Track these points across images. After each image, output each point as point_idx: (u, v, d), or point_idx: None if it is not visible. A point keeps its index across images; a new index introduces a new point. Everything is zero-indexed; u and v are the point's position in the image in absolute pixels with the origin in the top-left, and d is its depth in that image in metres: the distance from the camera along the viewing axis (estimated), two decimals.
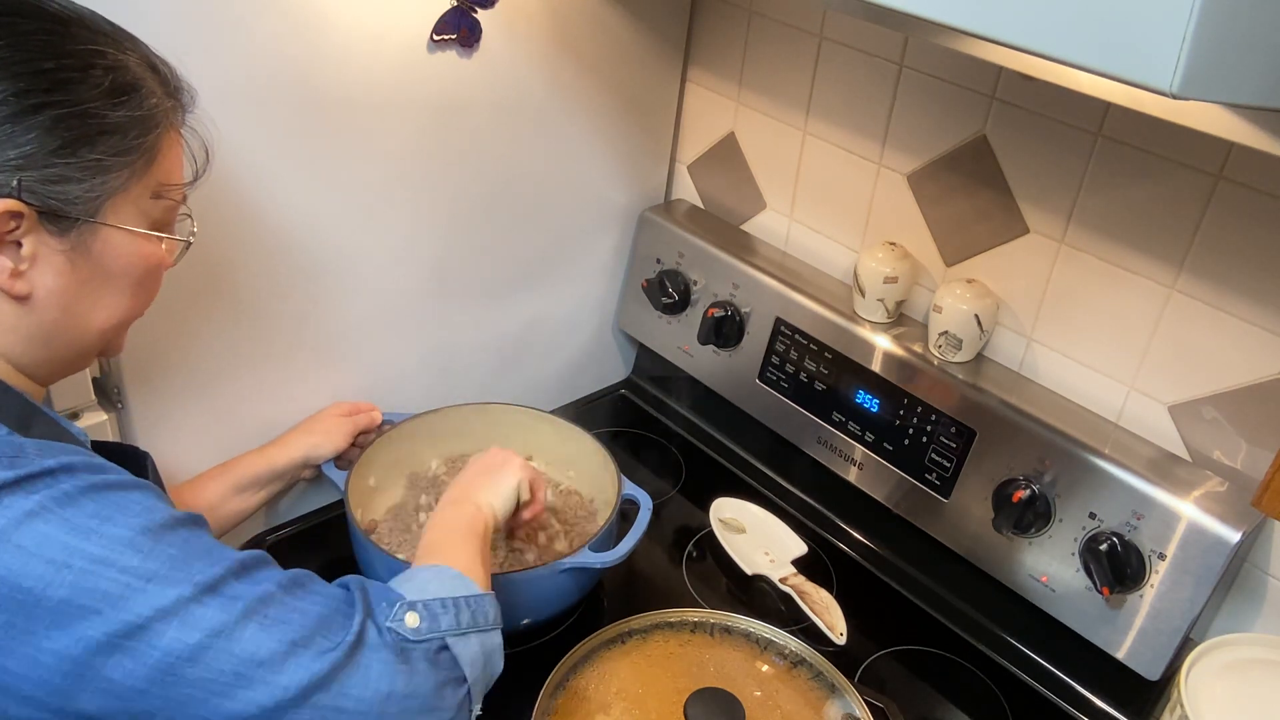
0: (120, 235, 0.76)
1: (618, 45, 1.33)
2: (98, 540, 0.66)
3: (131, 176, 0.75)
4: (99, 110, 0.72)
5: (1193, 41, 0.54)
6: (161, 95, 0.77)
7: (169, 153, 0.79)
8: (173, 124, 0.79)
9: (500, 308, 1.40)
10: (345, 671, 0.72)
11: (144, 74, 0.76)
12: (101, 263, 0.75)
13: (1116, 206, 1.07)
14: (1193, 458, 1.09)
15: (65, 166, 0.70)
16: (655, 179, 1.51)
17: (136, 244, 0.77)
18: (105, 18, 0.77)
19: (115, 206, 0.75)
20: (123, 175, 0.74)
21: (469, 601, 0.83)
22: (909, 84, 1.20)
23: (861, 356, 1.25)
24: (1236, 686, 0.95)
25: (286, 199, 1.11)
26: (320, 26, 1.04)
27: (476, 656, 0.82)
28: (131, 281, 0.79)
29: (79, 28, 0.73)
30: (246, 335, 1.15)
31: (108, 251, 0.75)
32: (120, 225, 0.75)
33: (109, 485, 0.69)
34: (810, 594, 1.21)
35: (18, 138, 0.69)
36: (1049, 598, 1.12)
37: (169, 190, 0.79)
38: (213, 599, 0.69)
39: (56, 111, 0.70)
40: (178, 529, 0.70)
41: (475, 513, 0.98)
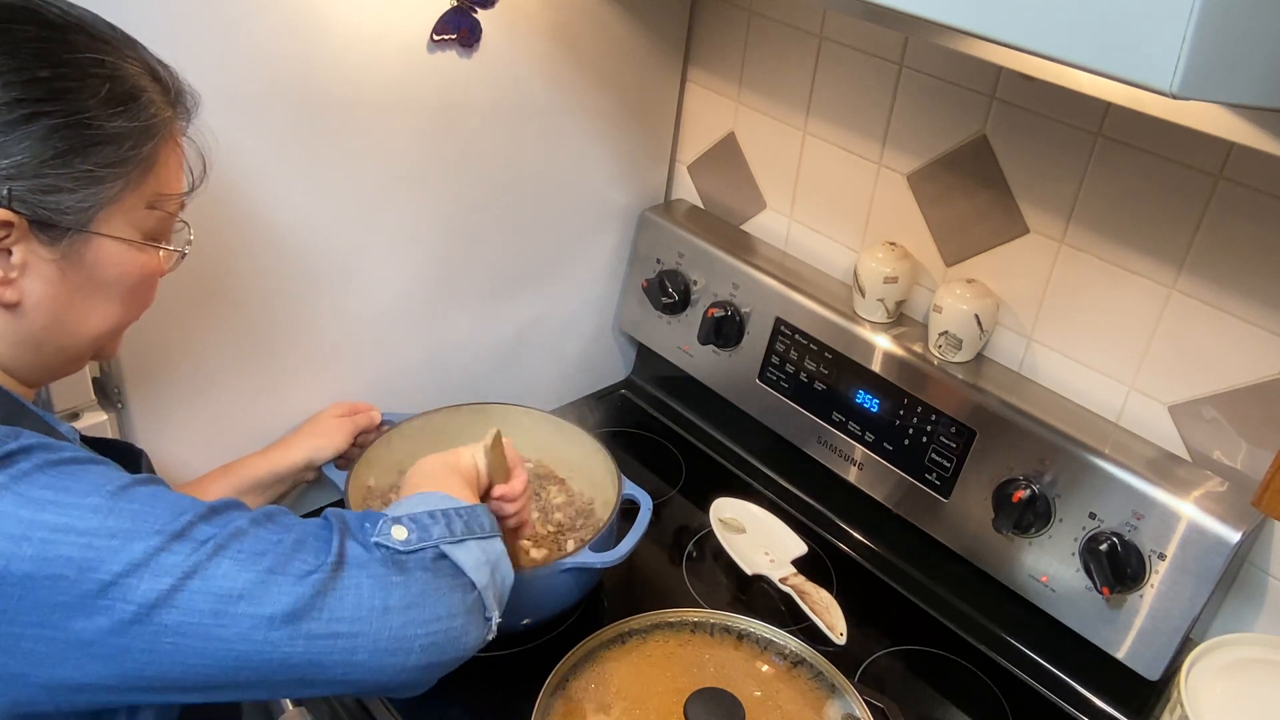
0: (113, 245, 0.75)
1: (618, 45, 1.33)
2: (54, 509, 0.65)
3: (126, 187, 0.74)
4: (95, 120, 0.70)
5: (1193, 41, 0.54)
6: (161, 104, 0.76)
7: (167, 163, 0.77)
8: (172, 133, 0.78)
9: (500, 308, 1.40)
10: (333, 593, 0.70)
11: (144, 82, 0.75)
12: (93, 272, 0.75)
13: (1116, 206, 1.07)
14: (1193, 458, 1.09)
15: (57, 176, 0.70)
16: (655, 179, 1.51)
17: (130, 254, 0.76)
18: (107, 22, 0.76)
19: (109, 216, 0.74)
20: (116, 186, 0.73)
21: (460, 512, 0.80)
22: (909, 84, 1.20)
23: (861, 356, 1.25)
24: (1236, 686, 0.95)
25: (286, 199, 1.11)
26: (320, 27, 1.04)
27: (480, 562, 0.78)
28: (124, 290, 0.78)
29: (77, 34, 0.72)
30: (247, 335, 1.15)
31: (100, 261, 0.75)
32: (113, 235, 0.74)
33: (65, 460, 0.68)
34: (810, 594, 1.21)
35: (10, 147, 0.68)
36: (1049, 598, 1.12)
37: (165, 201, 0.78)
38: (181, 544, 0.67)
39: (51, 121, 0.69)
40: (137, 488, 0.69)
41: (454, 458, 0.94)
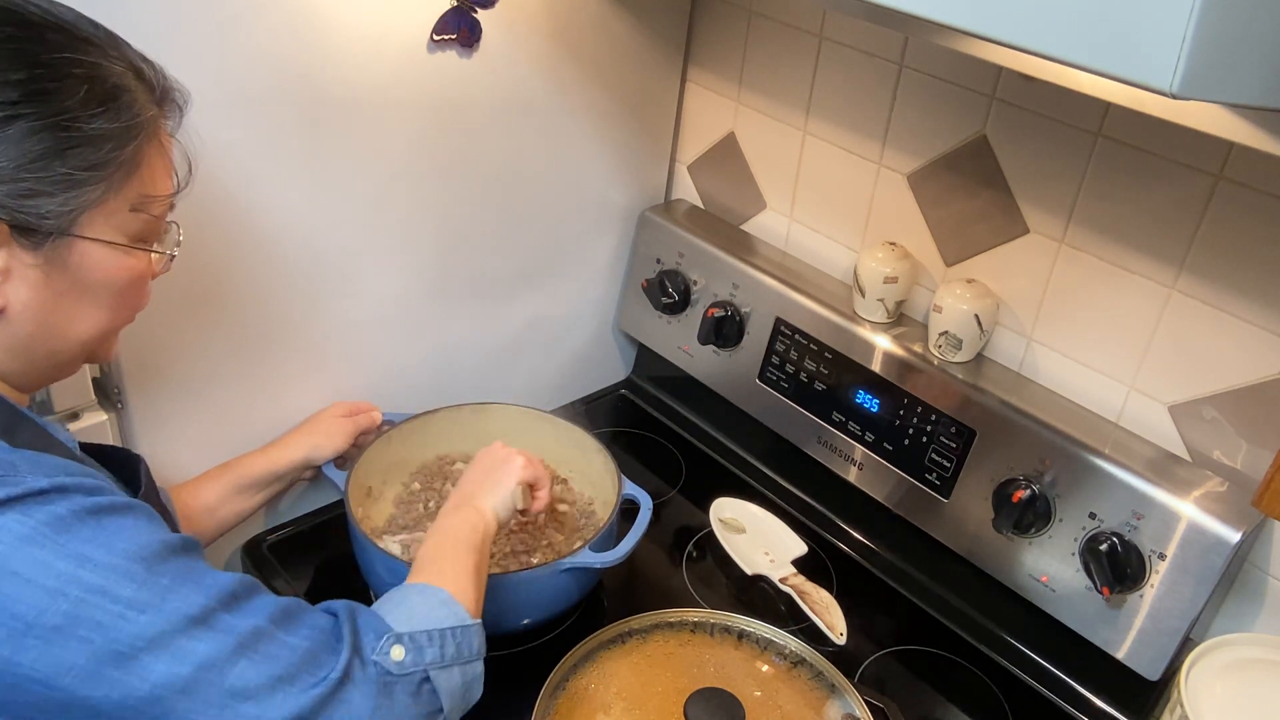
0: (98, 248, 0.73)
1: (618, 45, 1.33)
2: (93, 570, 0.66)
3: (108, 190, 0.72)
4: (73, 122, 0.68)
5: (1193, 41, 0.54)
6: (145, 103, 0.74)
7: (152, 164, 0.75)
8: (157, 134, 0.76)
9: (500, 308, 1.40)
10: (329, 706, 0.73)
11: (127, 81, 0.73)
12: (79, 276, 0.73)
13: (1116, 206, 1.07)
14: (1193, 458, 1.09)
15: (37, 180, 0.68)
16: (655, 179, 1.51)
17: (116, 257, 0.75)
18: (90, 21, 0.74)
19: (92, 220, 0.72)
20: (98, 189, 0.71)
21: (455, 634, 0.83)
22: (909, 84, 1.20)
23: (861, 356, 1.25)
24: (1236, 686, 0.95)
25: (287, 199, 1.11)
26: (320, 27, 1.04)
27: (456, 688, 0.83)
28: (111, 294, 0.76)
29: (55, 33, 0.70)
30: (247, 335, 1.15)
31: (85, 265, 0.73)
32: (97, 239, 0.73)
33: (103, 509, 0.68)
34: (810, 594, 1.21)
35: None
36: (1049, 598, 1.12)
37: (151, 203, 0.76)
38: (205, 632, 0.69)
39: (28, 124, 0.67)
40: (171, 558, 0.70)
41: (476, 519, 0.98)
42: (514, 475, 1.05)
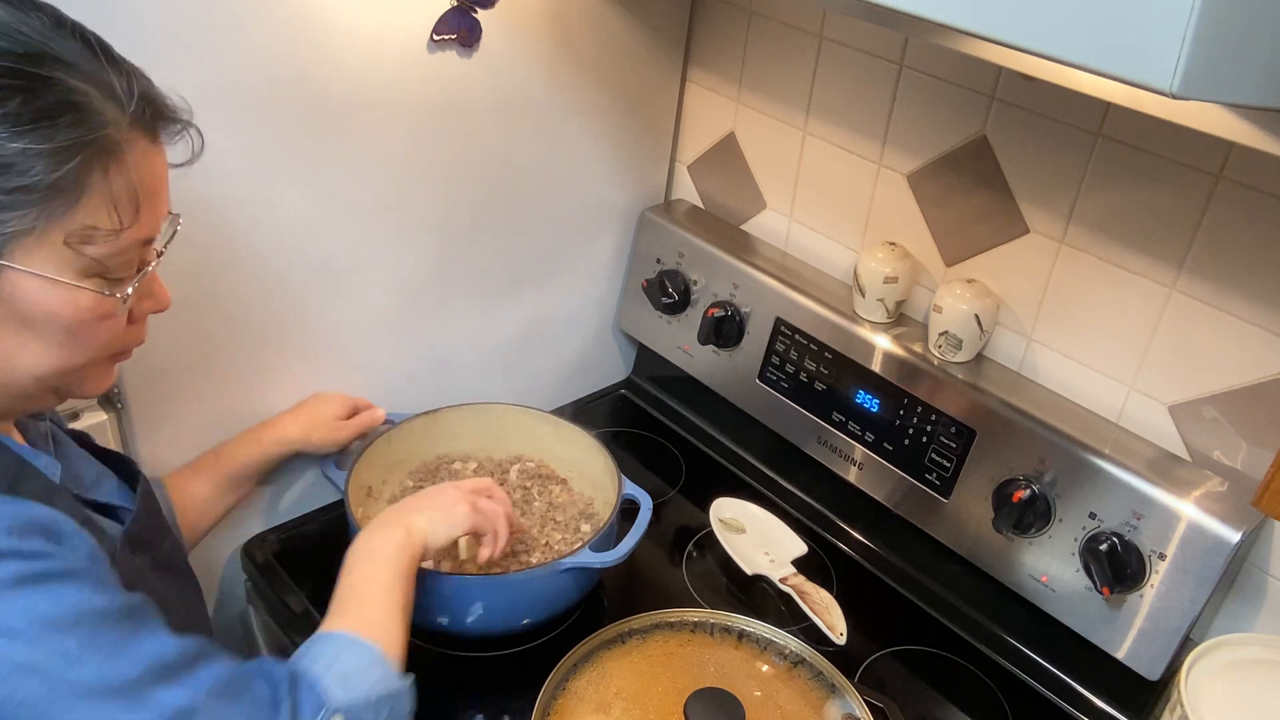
0: (33, 281, 0.66)
1: (618, 45, 1.33)
2: (25, 644, 0.63)
3: (41, 217, 0.64)
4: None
5: (1193, 41, 0.54)
6: (102, 123, 0.66)
7: (101, 192, 0.66)
8: (115, 158, 0.67)
9: (500, 308, 1.40)
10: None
11: (79, 98, 0.65)
12: (14, 308, 0.67)
13: (1116, 206, 1.07)
14: (1193, 458, 1.09)
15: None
16: (655, 179, 1.51)
17: (56, 292, 0.67)
18: (52, 20, 0.67)
19: (25, 249, 0.65)
20: (28, 216, 0.64)
21: (390, 699, 0.83)
22: (909, 84, 1.20)
23: (861, 356, 1.25)
24: (1236, 686, 0.95)
25: (287, 199, 1.11)
26: (320, 27, 1.04)
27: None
28: (58, 331, 0.69)
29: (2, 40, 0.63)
30: (247, 335, 1.15)
31: (19, 297, 0.66)
32: (31, 271, 0.66)
33: (41, 577, 0.64)
34: (810, 594, 1.21)
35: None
36: (1049, 598, 1.12)
37: (97, 235, 0.67)
38: (137, 709, 0.66)
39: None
40: (108, 628, 0.66)
41: (404, 539, 0.95)
42: (459, 521, 1.01)
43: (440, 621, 1.08)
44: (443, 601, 1.05)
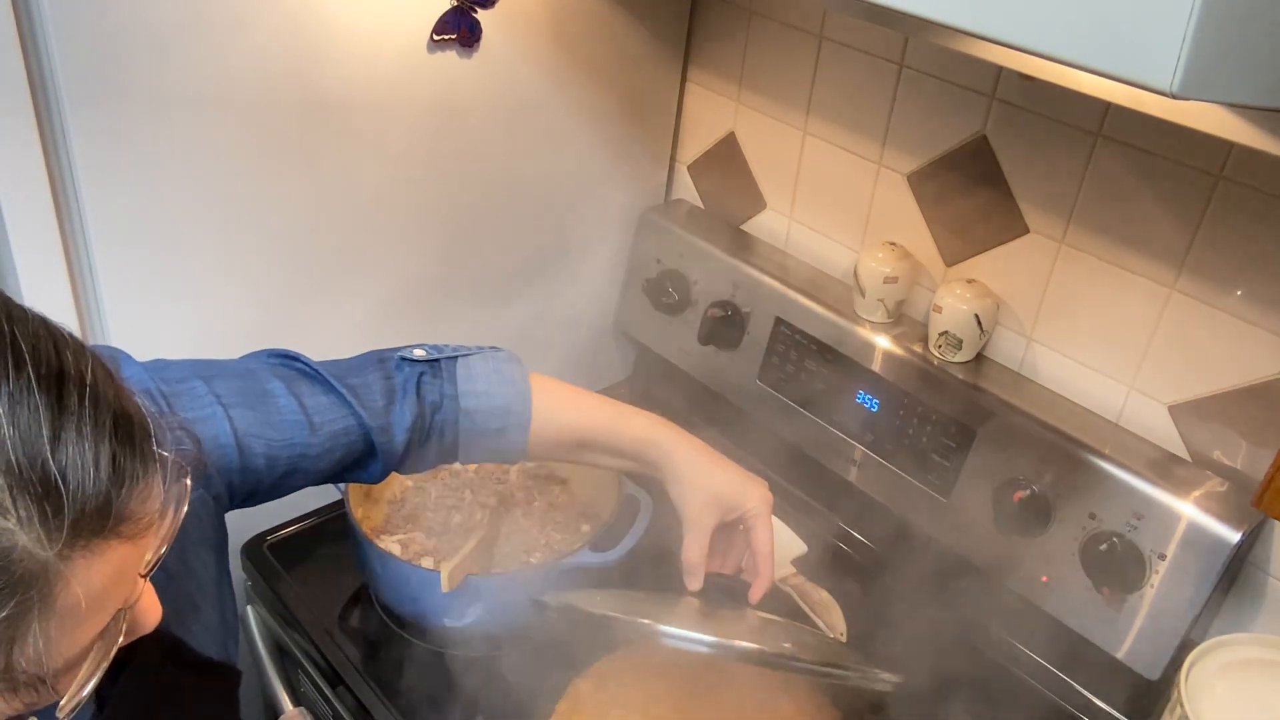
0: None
1: (618, 45, 1.33)
2: None
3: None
4: None
5: (1193, 41, 0.54)
6: (15, 570, 0.44)
7: (39, 632, 0.46)
8: (43, 594, 0.46)
9: (500, 308, 1.40)
10: None
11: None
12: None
13: (1116, 206, 1.07)
14: (1193, 458, 1.09)
15: None
16: (655, 179, 1.51)
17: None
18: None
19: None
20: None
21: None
22: (909, 84, 1.20)
23: (861, 356, 1.25)
24: (1236, 686, 0.95)
25: (286, 199, 1.11)
26: (320, 27, 1.05)
27: None
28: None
29: None
30: (246, 336, 1.15)
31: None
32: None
33: None
34: (810, 594, 1.20)
35: None
36: (1049, 598, 1.12)
37: (36, 678, 0.48)
38: None
39: None
40: None
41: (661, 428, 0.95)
42: (756, 489, 0.97)
43: (440, 621, 1.08)
44: (443, 601, 1.05)
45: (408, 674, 1.10)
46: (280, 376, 0.86)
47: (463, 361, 0.94)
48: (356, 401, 0.88)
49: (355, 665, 1.10)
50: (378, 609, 1.17)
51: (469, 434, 0.94)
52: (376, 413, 0.89)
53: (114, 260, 1.02)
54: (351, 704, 1.07)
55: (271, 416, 0.83)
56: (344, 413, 0.87)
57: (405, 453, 0.91)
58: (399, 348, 0.94)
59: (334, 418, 0.87)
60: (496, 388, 0.93)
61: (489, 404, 0.93)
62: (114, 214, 1.00)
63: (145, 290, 1.05)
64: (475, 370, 0.94)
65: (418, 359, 0.92)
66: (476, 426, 0.93)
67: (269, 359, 0.89)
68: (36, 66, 0.91)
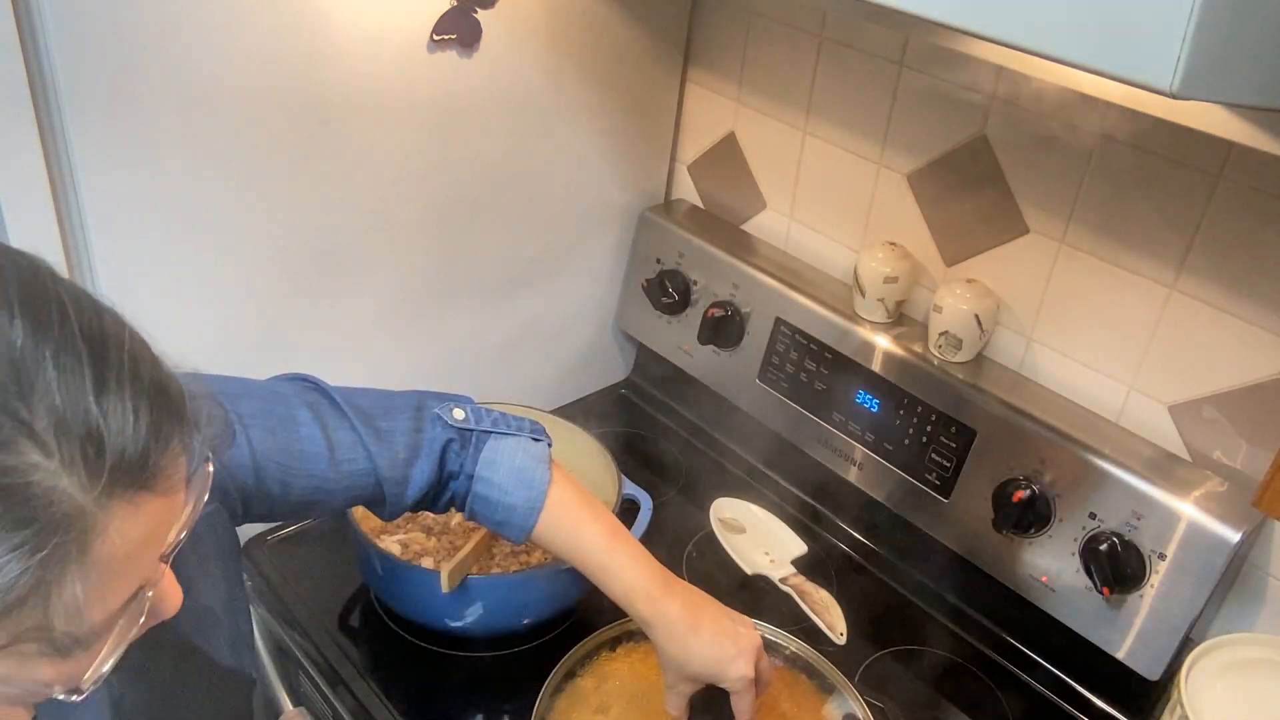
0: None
1: (618, 45, 1.33)
2: None
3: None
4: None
5: (1193, 41, 0.54)
6: (63, 505, 0.45)
7: (52, 590, 0.46)
8: (82, 547, 0.46)
9: (500, 308, 1.40)
10: None
11: (24, 479, 0.44)
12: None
13: (1116, 206, 1.07)
14: (1193, 458, 1.09)
15: None
16: (655, 179, 1.51)
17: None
18: (47, 347, 0.46)
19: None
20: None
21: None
22: (909, 84, 1.20)
23: (861, 356, 1.25)
24: (1236, 686, 0.95)
25: (285, 199, 1.11)
26: (320, 26, 1.04)
27: None
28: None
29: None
30: (246, 336, 1.15)
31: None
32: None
33: None
34: (810, 594, 1.21)
35: None
36: (1049, 598, 1.12)
37: (70, 634, 0.48)
38: None
39: None
40: None
41: (659, 580, 0.94)
42: (747, 651, 0.94)
43: (440, 621, 1.08)
44: (443, 601, 1.05)
45: (408, 674, 1.10)
46: (308, 404, 0.86)
47: (491, 445, 0.93)
48: (379, 446, 0.88)
49: (355, 665, 1.10)
50: (378, 609, 1.17)
51: (473, 510, 0.95)
52: (396, 464, 0.89)
53: (113, 259, 1.02)
54: (351, 704, 1.07)
55: (293, 445, 0.83)
56: (362, 454, 0.87)
57: (415, 506, 0.94)
58: (443, 397, 0.94)
59: (354, 457, 0.87)
60: (512, 485, 0.93)
61: (500, 497, 0.93)
62: (113, 213, 1.00)
63: (144, 289, 1.04)
64: (500, 458, 0.93)
65: (453, 422, 0.92)
66: (482, 510, 0.95)
67: (298, 383, 0.89)
68: (36, 66, 0.91)
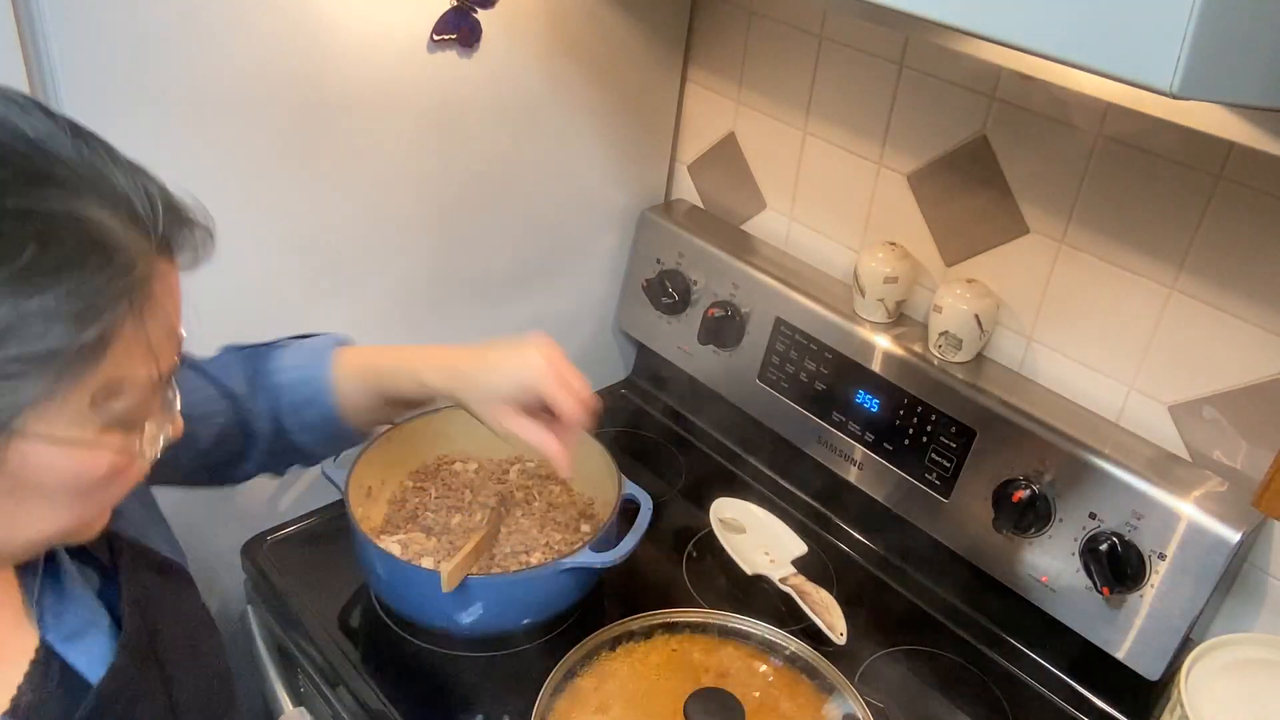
0: (49, 449, 0.56)
1: (618, 45, 1.33)
2: None
3: (60, 379, 0.54)
4: (4, 297, 0.50)
5: (1193, 41, 0.54)
6: (131, 256, 0.55)
7: (130, 341, 0.56)
8: (146, 294, 0.56)
9: (500, 308, 1.40)
10: None
11: (104, 232, 0.54)
12: (22, 478, 0.57)
13: (1116, 206, 1.07)
14: (1193, 458, 1.09)
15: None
16: (655, 179, 1.51)
17: (76, 456, 0.58)
18: (69, 131, 0.56)
19: (40, 415, 0.54)
20: (44, 381, 0.53)
21: None
22: (909, 84, 1.20)
23: (861, 356, 1.25)
24: (1236, 686, 0.95)
25: (285, 199, 1.11)
26: (320, 26, 1.05)
27: None
28: (70, 494, 0.59)
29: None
30: (246, 336, 1.15)
31: (29, 466, 0.56)
32: (50, 436, 0.56)
33: None
34: (810, 594, 1.21)
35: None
36: (1049, 598, 1.12)
37: (123, 388, 0.57)
38: None
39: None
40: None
41: None
42: (538, 349, 1.01)
43: (440, 621, 1.08)
44: (443, 601, 1.05)
45: (408, 674, 1.10)
46: None
47: (279, 350, 1.00)
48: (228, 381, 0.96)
49: (355, 665, 1.10)
50: (378, 609, 1.17)
51: (291, 412, 0.98)
52: (243, 396, 0.96)
53: None
54: (351, 704, 1.07)
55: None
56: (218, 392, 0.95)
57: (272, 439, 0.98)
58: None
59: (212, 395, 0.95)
60: (301, 360, 0.99)
61: (292, 374, 0.98)
62: None
63: None
64: (288, 351, 1.00)
65: (245, 346, 0.99)
66: (288, 398, 0.98)
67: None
68: (36, 66, 0.91)
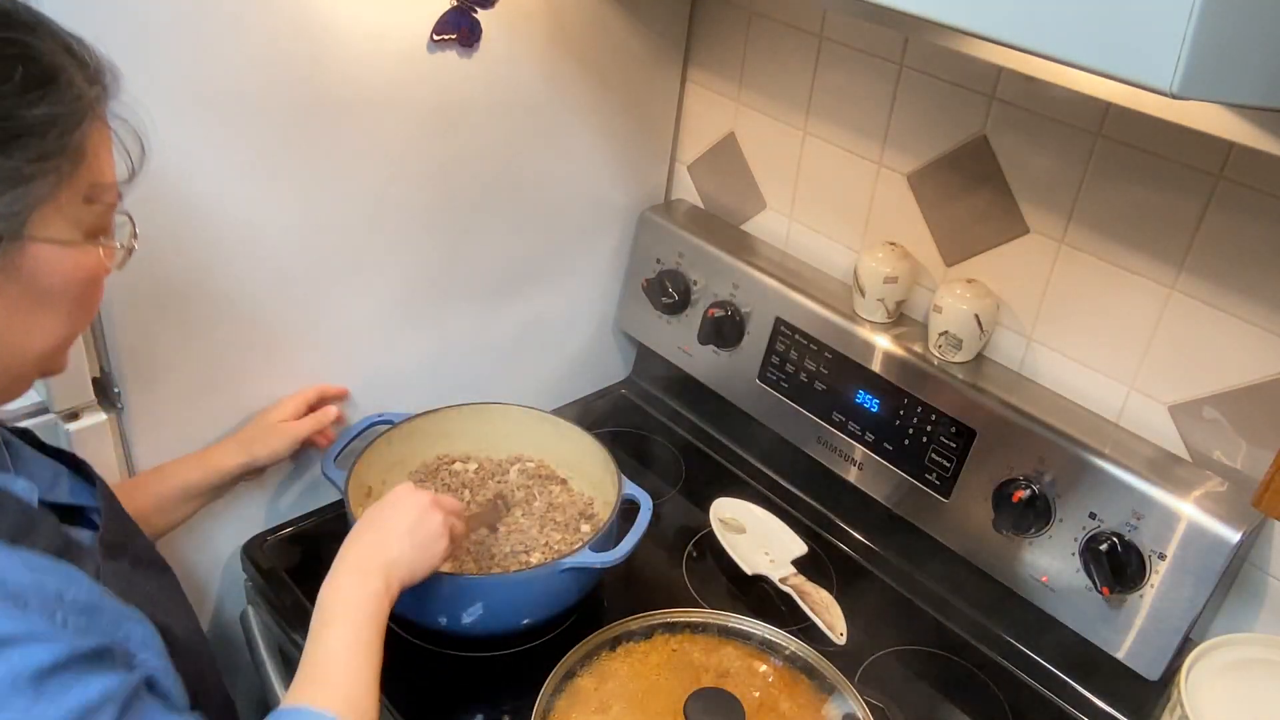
0: (52, 249, 0.65)
1: (618, 45, 1.33)
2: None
3: (59, 182, 0.64)
4: (12, 110, 0.61)
5: (1193, 41, 0.54)
6: (82, 83, 0.66)
7: (99, 148, 0.68)
8: (98, 114, 0.68)
9: (500, 308, 1.40)
10: None
11: (61, 60, 0.65)
12: (34, 282, 0.65)
13: (1116, 206, 1.07)
14: (1193, 458, 1.09)
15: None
16: (655, 179, 1.51)
17: (73, 256, 0.67)
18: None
19: (44, 218, 0.64)
20: (48, 182, 0.64)
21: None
22: (909, 84, 1.20)
23: (861, 356, 1.25)
24: (1236, 686, 0.95)
25: (286, 199, 1.11)
26: (320, 26, 1.04)
27: None
28: (70, 299, 0.68)
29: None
30: (246, 336, 1.15)
31: (40, 269, 0.65)
32: (52, 238, 0.65)
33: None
34: (810, 594, 1.21)
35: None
36: (1049, 598, 1.12)
37: (103, 191, 0.69)
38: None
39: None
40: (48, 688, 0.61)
41: (383, 590, 0.88)
42: (437, 560, 0.96)
43: (440, 621, 1.08)
44: (443, 601, 1.05)
45: (408, 674, 1.10)
46: None
47: None
48: None
49: None
50: None
51: None
52: None
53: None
54: None
55: None
56: None
57: None
58: None
59: None
60: None
61: None
62: None
63: (143, 290, 1.04)
64: None
65: None
66: None
67: None
68: None
